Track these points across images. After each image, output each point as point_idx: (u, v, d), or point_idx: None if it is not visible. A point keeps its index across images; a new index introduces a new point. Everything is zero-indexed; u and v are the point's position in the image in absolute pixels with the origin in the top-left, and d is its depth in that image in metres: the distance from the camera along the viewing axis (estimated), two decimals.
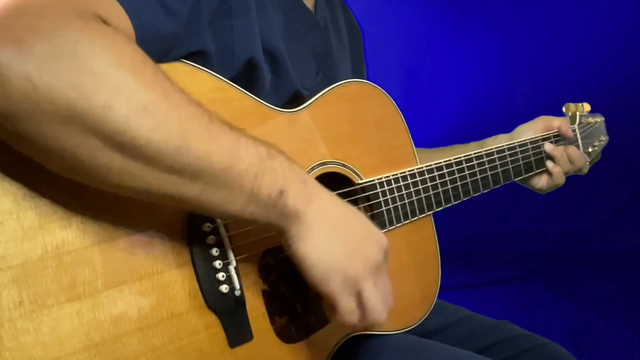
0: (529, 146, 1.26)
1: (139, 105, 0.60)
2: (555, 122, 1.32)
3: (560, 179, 1.31)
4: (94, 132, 0.59)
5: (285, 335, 0.84)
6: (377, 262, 0.78)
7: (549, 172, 1.30)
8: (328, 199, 0.77)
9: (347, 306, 0.76)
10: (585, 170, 1.38)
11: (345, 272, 0.75)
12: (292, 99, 0.96)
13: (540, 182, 1.31)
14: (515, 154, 1.23)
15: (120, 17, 0.68)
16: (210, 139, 0.66)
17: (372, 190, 0.99)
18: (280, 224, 0.73)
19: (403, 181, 1.03)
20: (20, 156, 0.62)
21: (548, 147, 1.29)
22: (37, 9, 0.58)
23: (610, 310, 2.75)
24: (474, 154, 1.15)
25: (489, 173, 1.18)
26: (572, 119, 1.40)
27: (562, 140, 1.32)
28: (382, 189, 1.00)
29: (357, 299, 0.77)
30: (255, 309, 0.81)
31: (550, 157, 1.29)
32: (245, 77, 0.87)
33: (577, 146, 1.35)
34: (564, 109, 1.42)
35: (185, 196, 0.66)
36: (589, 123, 1.40)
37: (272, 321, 0.83)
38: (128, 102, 0.60)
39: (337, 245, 0.75)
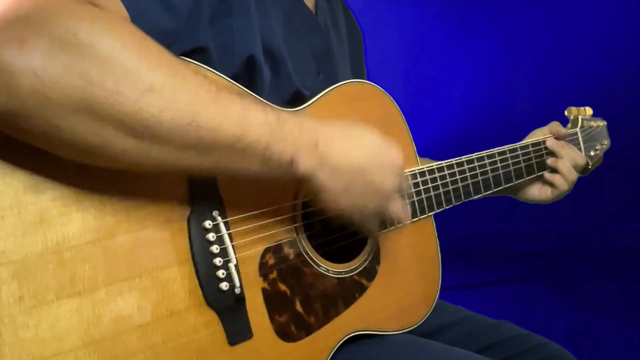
0: (530, 148, 1.26)
1: (146, 86, 0.61)
2: (562, 131, 1.31)
3: (562, 184, 1.29)
4: (106, 118, 0.60)
5: (285, 334, 0.84)
6: (393, 187, 0.85)
7: (549, 183, 1.29)
8: (340, 147, 0.79)
9: (372, 230, 0.91)
10: (586, 173, 1.38)
11: (364, 209, 0.84)
12: (293, 99, 0.96)
13: (540, 192, 1.31)
14: (516, 156, 1.23)
15: (119, 13, 0.68)
16: (220, 110, 0.67)
17: None
18: (296, 182, 0.79)
19: None
20: (21, 151, 0.62)
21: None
22: (34, 4, 0.58)
23: (610, 310, 2.75)
24: (475, 155, 1.15)
25: (490, 174, 1.18)
26: (574, 123, 1.40)
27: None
28: None
29: (382, 217, 0.89)
30: (255, 307, 0.81)
31: (552, 168, 1.28)
32: (245, 75, 0.87)
33: (580, 149, 1.35)
34: (566, 113, 1.42)
35: (201, 167, 0.69)
36: (591, 127, 1.40)
37: (272, 320, 0.83)
38: (135, 85, 0.60)
39: (354, 193, 0.81)
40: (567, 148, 1.29)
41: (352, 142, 0.81)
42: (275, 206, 0.85)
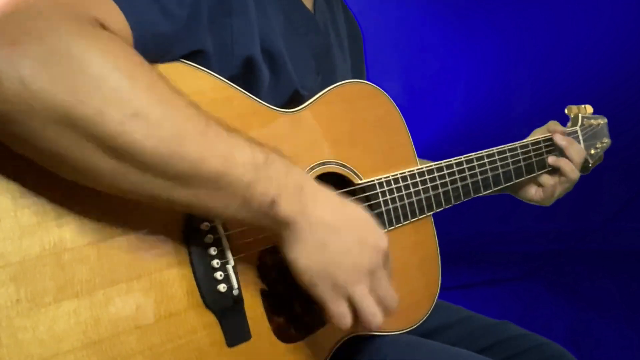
0: (530, 147, 1.26)
1: (133, 110, 0.60)
2: (559, 128, 1.31)
3: (563, 184, 1.29)
4: (87, 136, 0.59)
5: (284, 334, 0.84)
6: (370, 266, 0.77)
7: (547, 185, 1.29)
8: (325, 205, 0.75)
9: (336, 310, 0.76)
10: (587, 171, 1.38)
11: (333, 279, 0.75)
12: (292, 99, 0.96)
13: (537, 194, 1.31)
14: (516, 155, 1.23)
15: (118, 19, 0.68)
16: (205, 144, 0.65)
17: (371, 191, 0.99)
18: (273, 229, 0.73)
19: (403, 182, 1.03)
20: (17, 155, 0.62)
21: (551, 159, 1.28)
22: (32, 11, 0.58)
23: (610, 310, 2.75)
24: (475, 154, 1.15)
25: (489, 174, 1.17)
26: (575, 121, 1.39)
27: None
28: (381, 190, 1.00)
29: (350, 302, 0.77)
30: (254, 308, 0.81)
31: (553, 168, 1.28)
32: (244, 76, 0.87)
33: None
34: (566, 111, 1.42)
35: (178, 200, 0.67)
36: (591, 125, 1.40)
37: (271, 320, 0.83)
38: (121, 108, 0.60)
39: (327, 253, 0.74)
40: (575, 145, 1.29)
41: (339, 206, 0.77)
42: None
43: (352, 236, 0.77)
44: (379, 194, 0.99)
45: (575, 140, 1.32)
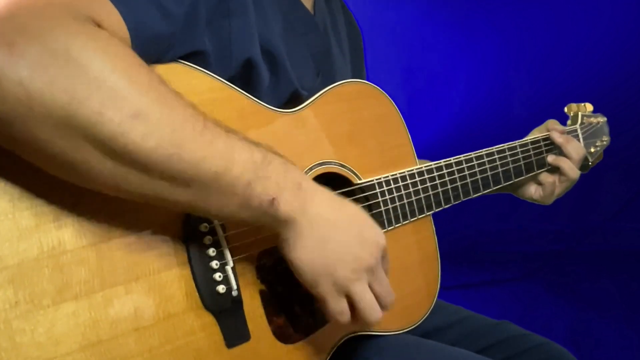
0: (530, 146, 1.26)
1: (131, 112, 0.60)
2: (558, 127, 1.31)
3: (563, 184, 1.29)
4: (86, 137, 0.59)
5: (283, 335, 0.84)
6: (369, 264, 0.78)
7: (546, 183, 1.29)
8: (323, 202, 0.76)
9: (336, 308, 0.78)
10: (586, 170, 1.38)
11: (334, 276, 0.76)
12: (291, 100, 0.96)
13: (536, 192, 1.31)
14: (516, 154, 1.23)
15: (115, 20, 0.68)
16: (204, 144, 0.65)
17: (371, 191, 0.99)
18: (273, 228, 0.74)
19: (402, 181, 1.03)
20: (16, 157, 0.62)
21: (550, 158, 1.28)
22: (30, 12, 0.58)
23: (610, 310, 2.75)
24: (474, 154, 1.15)
25: (489, 173, 1.17)
26: (574, 119, 1.39)
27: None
28: (380, 189, 1.00)
29: (349, 300, 0.78)
30: (253, 309, 0.81)
31: (553, 167, 1.28)
32: (243, 77, 0.87)
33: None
34: (566, 109, 1.42)
35: (178, 200, 0.67)
36: (591, 123, 1.40)
37: (270, 321, 0.83)
38: (120, 109, 0.60)
39: (327, 251, 0.75)
40: (573, 143, 1.29)
41: (337, 203, 0.78)
42: None
43: (352, 233, 0.78)
44: (378, 194, 0.99)
45: (573, 138, 1.31)
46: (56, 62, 0.57)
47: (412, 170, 1.04)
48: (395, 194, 1.01)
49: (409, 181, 1.03)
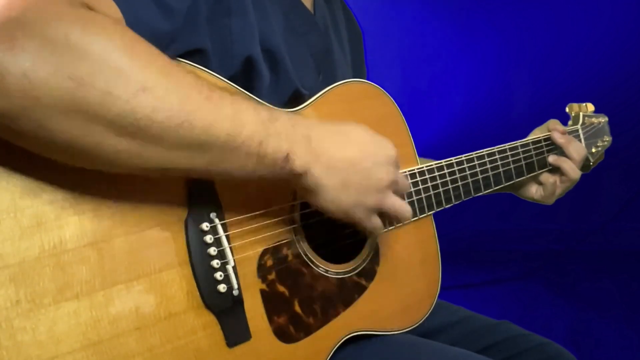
0: (531, 146, 1.26)
1: (138, 87, 0.61)
2: (559, 127, 1.31)
3: (564, 184, 1.29)
4: (97, 119, 0.60)
5: (284, 335, 0.84)
6: (390, 179, 0.84)
7: (548, 183, 1.29)
8: (333, 144, 0.79)
9: (372, 226, 0.86)
10: (588, 170, 1.38)
11: (364, 205, 0.83)
12: (293, 99, 0.95)
13: (537, 192, 1.31)
14: (517, 154, 1.23)
15: (114, 15, 0.68)
16: (212, 109, 0.67)
17: None
18: (291, 181, 0.77)
19: None
20: (17, 155, 0.62)
21: (551, 158, 1.28)
22: (27, 6, 0.58)
23: (610, 310, 2.75)
24: (475, 153, 1.15)
25: (490, 173, 1.17)
26: (576, 119, 1.39)
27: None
28: None
29: (381, 213, 0.86)
30: (254, 308, 0.81)
31: (553, 167, 1.28)
32: (244, 76, 0.87)
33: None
34: (567, 109, 1.42)
35: (195, 167, 0.69)
36: (592, 123, 1.40)
37: (271, 321, 0.83)
38: (126, 85, 0.60)
39: (351, 189, 0.80)
40: (574, 143, 1.29)
41: (345, 138, 0.82)
42: (273, 207, 0.85)
43: (366, 161, 0.82)
44: None
45: (574, 138, 1.31)
46: (57, 50, 0.57)
47: (413, 170, 1.04)
48: None
49: (410, 181, 1.03)
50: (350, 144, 0.81)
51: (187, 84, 0.65)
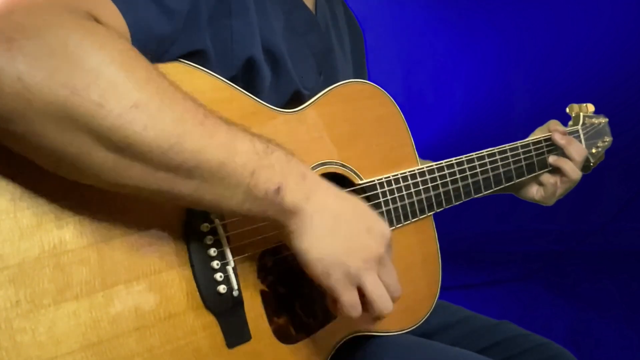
0: (531, 147, 1.26)
1: (131, 103, 0.60)
2: (560, 128, 1.31)
3: (565, 184, 1.29)
4: (87, 130, 0.59)
5: (284, 335, 0.84)
6: (378, 254, 0.77)
7: (549, 184, 1.29)
8: (328, 192, 0.76)
9: (348, 300, 0.76)
10: (588, 170, 1.38)
11: (345, 267, 0.75)
12: (293, 99, 0.95)
13: (538, 193, 1.31)
14: (518, 154, 1.23)
15: (115, 17, 0.68)
16: (205, 134, 0.65)
17: (372, 191, 0.99)
18: (279, 219, 0.72)
19: (403, 182, 1.03)
20: (17, 155, 0.62)
21: (552, 159, 1.28)
22: (28, 10, 0.58)
23: (610, 310, 2.75)
24: (475, 154, 1.15)
25: (490, 174, 1.17)
26: (576, 120, 1.39)
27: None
28: (382, 190, 0.99)
29: (360, 291, 0.77)
30: (254, 309, 0.81)
31: (554, 168, 1.28)
32: (245, 76, 0.87)
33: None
34: (567, 110, 1.42)
35: (181, 193, 0.66)
36: (592, 124, 1.40)
37: (271, 322, 0.83)
38: (119, 100, 0.59)
39: (337, 240, 0.74)
40: (575, 144, 1.29)
41: (340, 193, 0.78)
42: None
43: (358, 223, 0.77)
44: (380, 194, 0.99)
45: (575, 139, 1.31)
46: (54, 56, 0.57)
47: (414, 170, 1.04)
48: (396, 194, 1.01)
49: (410, 181, 1.03)
50: (345, 200, 0.78)
51: (182, 106, 0.64)
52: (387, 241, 0.79)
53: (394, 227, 1.01)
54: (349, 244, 0.75)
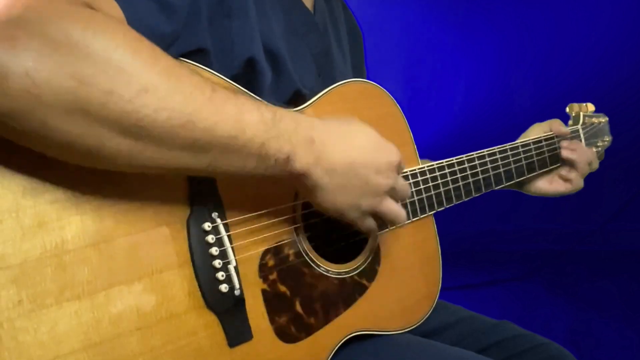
0: (532, 146, 1.26)
1: (140, 87, 0.61)
2: (562, 130, 1.31)
3: (578, 183, 1.31)
4: (99, 119, 0.60)
5: (285, 335, 0.84)
6: (388, 185, 0.85)
7: (564, 178, 1.30)
8: (335, 146, 0.79)
9: (366, 227, 0.87)
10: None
11: (358, 206, 0.83)
12: (294, 99, 0.96)
13: (551, 185, 1.32)
14: (518, 153, 1.23)
15: (115, 12, 0.68)
16: (215, 110, 0.67)
17: None
18: (292, 181, 0.78)
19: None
20: (19, 154, 0.62)
21: (565, 152, 1.29)
22: (28, 6, 0.58)
23: (610, 310, 2.75)
24: (476, 153, 1.15)
25: (491, 173, 1.17)
26: (576, 119, 1.39)
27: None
28: None
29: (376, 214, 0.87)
30: (255, 308, 0.81)
31: (568, 163, 1.29)
32: (245, 76, 0.87)
33: None
34: (567, 109, 1.42)
35: (196, 167, 0.69)
36: (592, 123, 1.40)
37: (272, 321, 0.83)
38: (128, 85, 0.60)
39: (348, 191, 0.81)
40: (584, 157, 1.30)
41: (348, 141, 0.82)
42: (275, 207, 0.85)
43: (367, 168, 0.82)
44: None
45: (585, 151, 1.31)
46: (59, 49, 0.57)
47: (415, 169, 1.04)
48: None
49: (410, 181, 1.03)
50: (353, 149, 0.81)
51: (190, 84, 0.65)
52: (397, 167, 0.86)
53: (394, 227, 1.01)
54: (360, 190, 0.82)
